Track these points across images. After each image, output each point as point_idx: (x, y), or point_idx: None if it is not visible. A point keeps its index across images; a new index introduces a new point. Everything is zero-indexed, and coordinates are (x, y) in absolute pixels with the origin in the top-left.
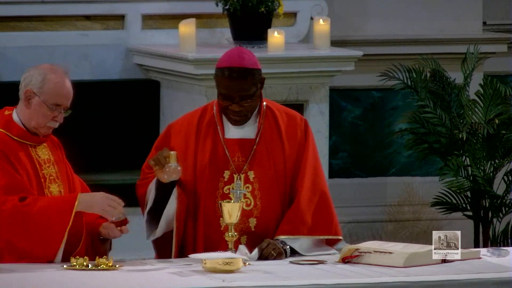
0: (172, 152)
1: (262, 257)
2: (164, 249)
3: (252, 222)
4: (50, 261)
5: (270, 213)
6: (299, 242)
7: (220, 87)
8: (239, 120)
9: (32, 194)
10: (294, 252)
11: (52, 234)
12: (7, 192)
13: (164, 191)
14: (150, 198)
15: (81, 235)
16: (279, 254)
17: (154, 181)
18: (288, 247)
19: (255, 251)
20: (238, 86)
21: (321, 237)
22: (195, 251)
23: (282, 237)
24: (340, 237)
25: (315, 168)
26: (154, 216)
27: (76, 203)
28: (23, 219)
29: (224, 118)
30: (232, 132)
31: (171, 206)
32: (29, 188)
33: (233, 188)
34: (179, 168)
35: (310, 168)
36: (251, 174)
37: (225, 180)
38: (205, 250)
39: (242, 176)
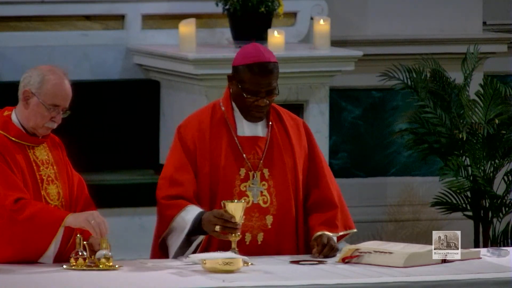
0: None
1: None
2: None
3: (269, 219)
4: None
5: (286, 210)
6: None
7: (248, 83)
8: (262, 116)
9: (26, 195)
10: None
11: (38, 243)
12: (9, 188)
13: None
14: (185, 228)
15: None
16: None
17: (193, 218)
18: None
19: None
20: (268, 81)
21: (350, 231)
22: (208, 250)
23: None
24: (354, 230)
25: (328, 169)
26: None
27: (63, 222)
28: (10, 224)
29: (236, 116)
30: (245, 129)
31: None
32: (24, 189)
33: (250, 186)
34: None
35: (327, 168)
36: (266, 172)
37: (241, 177)
38: (219, 249)
39: (258, 173)
